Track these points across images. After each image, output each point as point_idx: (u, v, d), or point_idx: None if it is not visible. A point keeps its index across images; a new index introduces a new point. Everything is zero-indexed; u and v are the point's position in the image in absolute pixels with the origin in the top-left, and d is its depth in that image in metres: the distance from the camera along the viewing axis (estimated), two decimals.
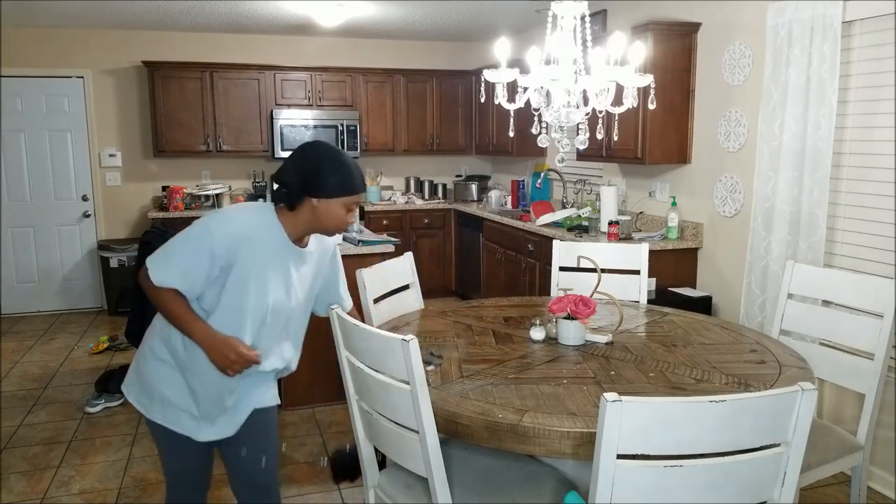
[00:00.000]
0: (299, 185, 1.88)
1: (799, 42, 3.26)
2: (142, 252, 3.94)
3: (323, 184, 1.87)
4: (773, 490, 1.57)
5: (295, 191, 1.89)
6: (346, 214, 1.94)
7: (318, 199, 1.89)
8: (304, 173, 1.87)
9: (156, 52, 6.26)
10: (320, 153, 1.90)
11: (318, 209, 1.90)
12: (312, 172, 1.87)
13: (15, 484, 3.16)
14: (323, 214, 1.91)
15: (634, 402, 1.44)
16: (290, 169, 1.89)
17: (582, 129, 2.50)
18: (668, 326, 2.66)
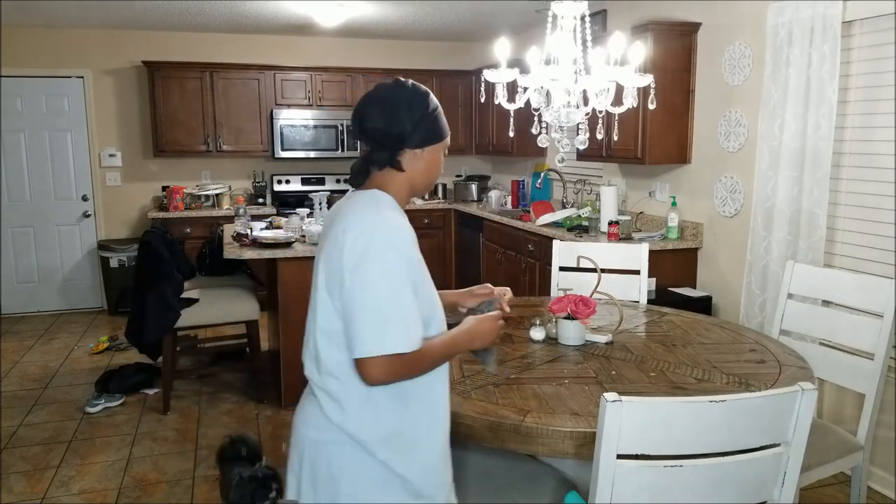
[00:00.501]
0: (411, 133, 1.51)
1: (799, 42, 3.26)
2: (141, 252, 3.94)
3: (435, 124, 1.55)
4: (773, 490, 1.57)
5: (408, 142, 1.52)
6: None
7: (424, 149, 1.55)
8: (415, 116, 1.51)
9: (156, 52, 6.26)
10: (408, 89, 1.54)
11: (426, 159, 1.58)
12: (421, 113, 1.52)
13: (15, 484, 3.16)
14: (432, 164, 1.59)
15: (634, 401, 1.44)
16: (397, 117, 1.50)
17: (582, 129, 2.50)
18: (668, 326, 2.66)
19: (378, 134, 1.51)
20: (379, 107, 1.51)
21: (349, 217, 1.47)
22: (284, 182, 6.64)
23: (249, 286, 4.49)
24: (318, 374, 1.51)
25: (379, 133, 1.51)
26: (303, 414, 1.59)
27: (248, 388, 4.32)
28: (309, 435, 1.55)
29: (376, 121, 1.50)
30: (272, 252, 3.79)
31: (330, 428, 1.50)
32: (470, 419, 1.79)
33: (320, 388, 1.52)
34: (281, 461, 3.38)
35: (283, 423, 3.82)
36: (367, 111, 1.52)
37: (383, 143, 1.52)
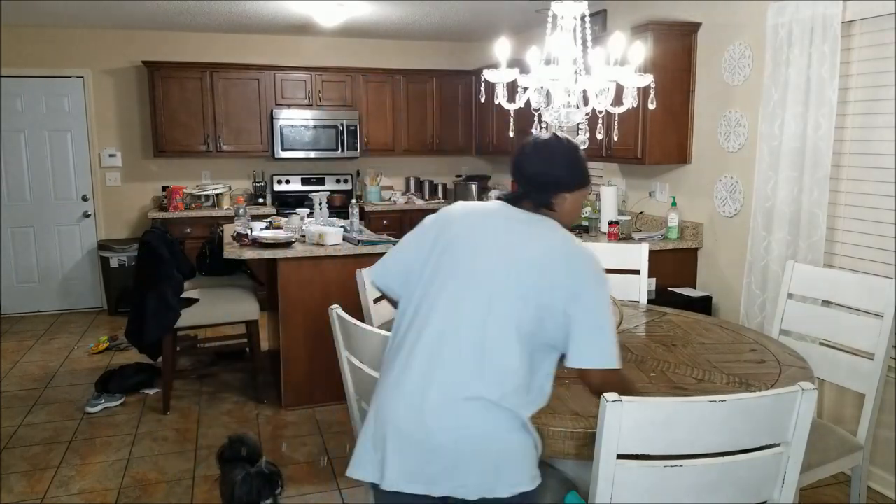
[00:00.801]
0: (568, 179, 1.72)
1: (799, 42, 3.26)
2: (141, 252, 3.94)
3: (583, 172, 1.76)
4: (773, 490, 1.57)
5: (564, 186, 1.72)
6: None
7: (573, 192, 1.73)
8: (570, 166, 1.73)
9: (156, 52, 6.26)
10: (564, 143, 1.77)
11: (574, 201, 1.76)
12: (574, 163, 1.74)
13: (15, 484, 3.16)
14: (576, 206, 1.78)
15: (634, 402, 1.44)
16: (561, 165, 1.72)
17: (582, 129, 2.51)
18: (668, 326, 2.66)
19: (539, 178, 1.73)
20: (546, 156, 1.74)
21: (559, 238, 1.68)
22: (284, 182, 6.65)
23: (249, 286, 4.49)
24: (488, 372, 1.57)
25: (540, 177, 1.73)
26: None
27: (248, 388, 4.32)
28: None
29: (538, 166, 1.73)
30: (272, 252, 3.79)
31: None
32: None
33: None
34: (281, 461, 3.38)
35: (283, 423, 3.82)
36: (530, 159, 1.74)
37: (544, 186, 1.73)
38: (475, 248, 1.67)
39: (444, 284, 1.65)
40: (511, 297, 1.58)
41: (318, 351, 3.96)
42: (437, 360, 1.57)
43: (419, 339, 1.61)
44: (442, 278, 1.66)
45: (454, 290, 1.63)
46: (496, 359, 1.56)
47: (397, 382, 1.60)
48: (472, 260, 1.65)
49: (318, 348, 3.96)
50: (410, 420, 1.56)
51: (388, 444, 1.58)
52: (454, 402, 1.54)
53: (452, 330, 1.59)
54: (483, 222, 1.71)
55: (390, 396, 1.60)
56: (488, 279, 1.61)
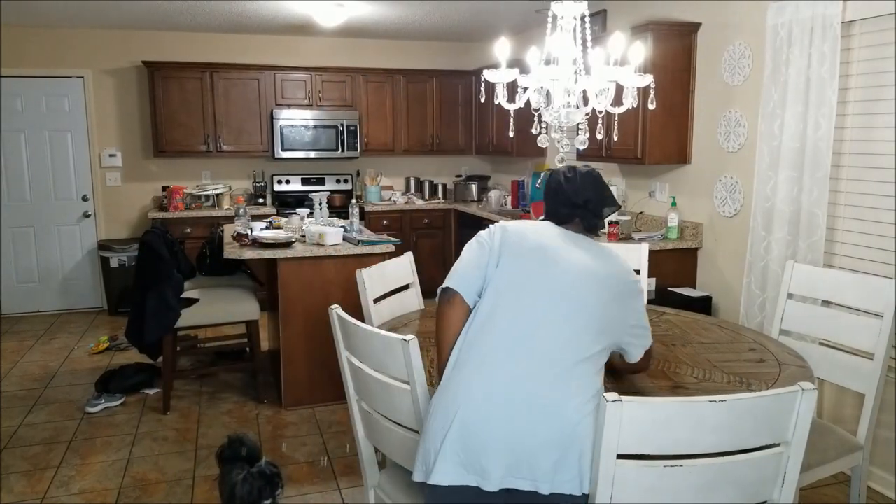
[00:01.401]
0: (613, 210, 2.00)
1: (799, 42, 3.26)
2: (142, 252, 3.94)
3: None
4: (772, 490, 1.57)
5: (608, 214, 2.00)
6: None
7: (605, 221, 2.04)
8: (613, 200, 2.00)
9: (156, 52, 6.26)
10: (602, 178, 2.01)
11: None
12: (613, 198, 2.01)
13: (15, 484, 3.16)
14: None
15: (634, 402, 1.44)
16: (613, 200, 1.99)
17: (582, 129, 2.51)
18: (666, 326, 2.66)
19: (592, 205, 1.94)
20: (600, 188, 1.96)
21: (619, 259, 1.92)
22: (284, 182, 6.65)
23: (249, 286, 4.49)
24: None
25: (592, 204, 1.94)
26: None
27: (248, 388, 4.32)
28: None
29: (591, 194, 1.93)
30: (272, 252, 3.79)
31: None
32: None
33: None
34: (281, 461, 3.38)
35: (283, 423, 3.82)
36: (584, 186, 1.94)
37: (597, 213, 1.96)
38: (548, 260, 1.82)
39: (520, 293, 1.78)
40: (587, 309, 1.75)
41: (318, 351, 3.96)
42: (522, 368, 1.67)
43: (498, 348, 1.71)
44: (517, 287, 1.79)
45: (532, 299, 1.76)
46: (579, 367, 1.68)
47: (486, 395, 1.66)
48: (547, 271, 1.80)
49: (318, 348, 3.96)
50: (501, 425, 1.63)
51: (487, 448, 1.62)
52: (543, 407, 1.63)
53: (534, 337, 1.71)
54: (550, 239, 1.88)
55: (478, 405, 1.66)
56: (567, 290, 1.77)
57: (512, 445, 1.61)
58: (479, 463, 1.62)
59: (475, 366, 1.71)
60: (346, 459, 3.39)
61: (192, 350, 4.94)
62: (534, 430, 1.61)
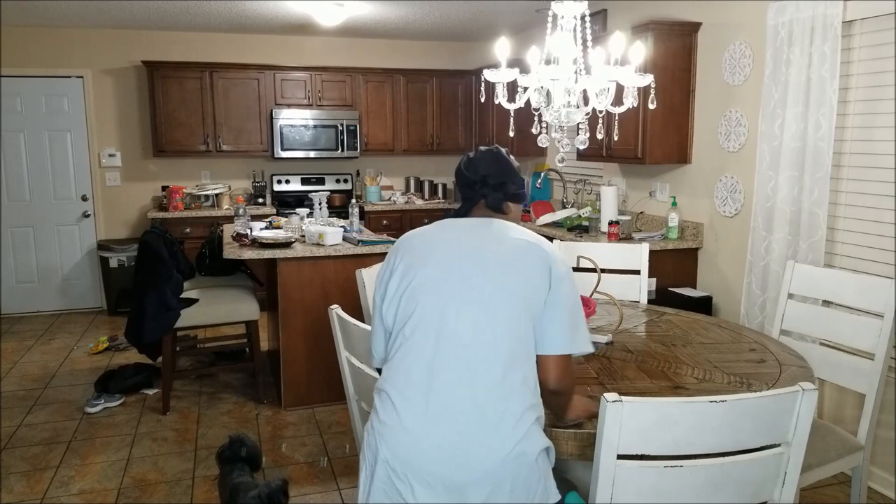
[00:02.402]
0: (517, 190, 1.85)
1: (799, 42, 3.26)
2: (141, 252, 3.94)
3: (523, 186, 1.90)
4: (773, 490, 1.56)
5: (513, 197, 1.85)
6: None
7: (517, 204, 1.87)
8: (518, 177, 1.86)
9: (155, 52, 6.26)
10: (510, 156, 1.90)
11: (516, 214, 1.88)
12: (520, 176, 1.87)
13: (14, 484, 3.16)
14: (517, 219, 1.88)
15: (634, 402, 1.44)
16: (515, 172, 1.85)
17: (582, 128, 2.50)
18: (667, 326, 2.65)
19: (492, 179, 1.82)
20: (505, 163, 1.85)
21: (528, 235, 1.73)
22: (284, 182, 6.64)
23: (249, 286, 4.48)
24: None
25: (493, 178, 1.82)
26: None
27: (248, 389, 4.32)
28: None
29: (491, 168, 1.82)
30: (272, 252, 3.79)
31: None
32: None
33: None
34: (281, 461, 3.38)
35: (283, 424, 3.81)
36: (484, 161, 1.84)
37: (499, 187, 1.82)
38: (449, 267, 1.64)
39: (430, 311, 1.60)
40: (508, 305, 1.59)
41: (317, 351, 3.96)
42: (459, 394, 1.53)
43: (431, 374, 1.55)
44: (425, 306, 1.61)
45: (445, 313, 1.59)
46: (516, 373, 1.55)
47: (408, 429, 1.54)
48: (451, 280, 1.62)
49: (318, 348, 3.95)
50: (427, 462, 1.51)
51: (411, 485, 1.53)
52: (469, 443, 1.51)
53: (463, 357, 1.55)
54: (446, 239, 1.72)
55: (401, 442, 1.54)
56: (477, 294, 1.59)
57: (441, 481, 1.51)
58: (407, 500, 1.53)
59: (396, 399, 1.57)
60: (345, 459, 3.39)
61: (192, 350, 4.93)
62: (462, 466, 1.50)
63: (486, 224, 1.74)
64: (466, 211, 1.85)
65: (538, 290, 1.60)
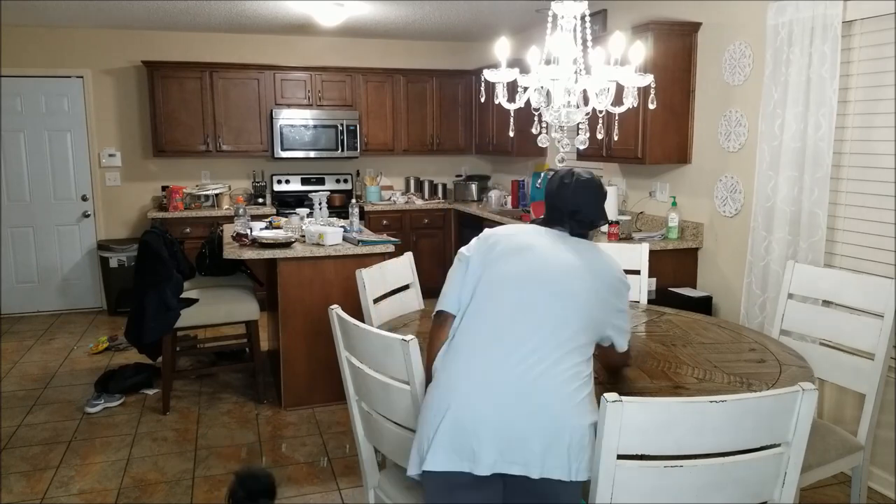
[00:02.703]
0: (602, 222, 2.02)
1: (799, 42, 3.26)
2: (141, 252, 3.94)
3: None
4: (773, 490, 1.56)
5: (598, 226, 2.02)
6: None
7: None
8: (604, 210, 2.00)
9: (155, 52, 6.26)
10: (601, 186, 2.02)
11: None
12: (604, 207, 2.01)
13: (14, 484, 3.16)
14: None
15: (634, 402, 1.44)
16: (604, 209, 1.99)
17: (582, 128, 2.50)
18: (667, 326, 2.65)
19: (580, 216, 1.97)
20: (599, 197, 1.99)
21: (605, 256, 1.95)
22: (284, 182, 6.64)
23: (249, 286, 4.48)
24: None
25: (581, 216, 1.97)
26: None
27: (248, 389, 4.32)
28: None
29: (583, 206, 1.95)
30: (272, 252, 3.79)
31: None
32: None
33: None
34: (281, 461, 3.37)
35: (283, 424, 3.81)
36: (577, 195, 1.96)
37: (583, 224, 1.97)
38: (534, 256, 1.85)
39: (506, 287, 1.81)
40: (573, 301, 1.78)
41: (318, 351, 3.96)
42: (511, 357, 1.70)
43: (486, 337, 1.75)
44: (504, 281, 1.82)
45: (518, 291, 1.79)
46: (566, 357, 1.70)
47: (476, 382, 1.70)
48: (533, 265, 1.83)
49: (318, 348, 3.95)
50: (491, 411, 1.65)
51: (479, 434, 1.65)
52: (530, 395, 1.66)
53: (520, 327, 1.73)
54: (536, 238, 1.91)
55: (469, 393, 1.69)
56: (552, 283, 1.80)
57: (502, 432, 1.64)
58: (471, 448, 1.65)
59: (465, 356, 1.74)
60: (346, 459, 3.39)
61: (192, 350, 4.93)
62: (523, 417, 1.64)
63: (574, 241, 1.93)
64: (551, 224, 1.98)
65: (602, 309, 1.84)
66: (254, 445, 3.55)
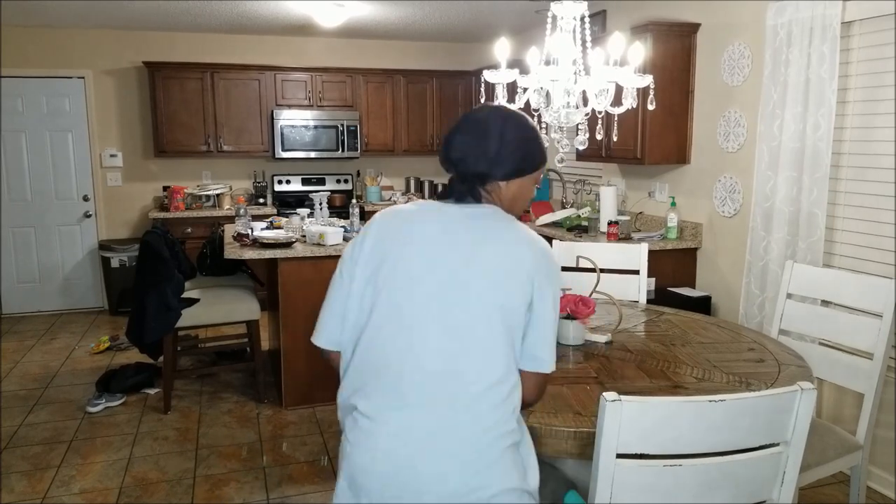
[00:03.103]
0: (516, 163, 1.53)
1: (798, 42, 3.26)
2: (142, 252, 3.95)
3: (539, 154, 1.56)
4: (772, 490, 1.57)
5: (510, 172, 1.53)
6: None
7: (523, 177, 1.56)
8: (523, 147, 1.53)
9: (156, 53, 6.27)
10: (520, 118, 1.56)
11: (522, 188, 1.58)
12: (530, 142, 1.54)
13: (15, 484, 3.17)
14: (525, 193, 1.60)
15: (634, 401, 1.45)
16: (510, 147, 1.52)
17: (581, 129, 2.51)
18: (666, 326, 2.66)
19: (461, 166, 1.60)
20: (488, 135, 1.57)
21: (519, 238, 1.52)
22: (285, 182, 6.65)
23: (250, 286, 4.49)
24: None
25: (462, 165, 1.60)
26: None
27: (249, 388, 4.33)
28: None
29: (487, 149, 1.55)
30: (273, 252, 3.80)
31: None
32: None
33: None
34: (282, 461, 3.39)
35: (283, 423, 3.82)
36: (454, 140, 1.59)
37: (465, 178, 1.60)
38: (425, 260, 1.47)
39: (401, 309, 1.46)
40: (490, 304, 1.45)
41: (318, 350, 3.96)
42: (437, 400, 1.42)
43: (401, 379, 1.44)
44: (397, 303, 1.47)
45: (418, 313, 1.45)
46: (492, 377, 1.43)
47: (377, 447, 1.43)
48: (427, 275, 1.46)
49: (318, 348, 3.95)
50: (394, 486, 1.41)
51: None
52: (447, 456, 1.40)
53: (440, 364, 1.42)
54: (421, 229, 1.52)
55: (370, 460, 1.44)
56: (455, 292, 1.45)
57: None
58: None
59: (371, 411, 1.46)
60: None
61: (193, 350, 4.94)
62: (435, 484, 1.39)
63: (475, 216, 1.52)
64: (446, 196, 1.57)
65: (521, 308, 1.46)
66: (254, 445, 3.56)
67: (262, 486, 3.13)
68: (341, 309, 1.62)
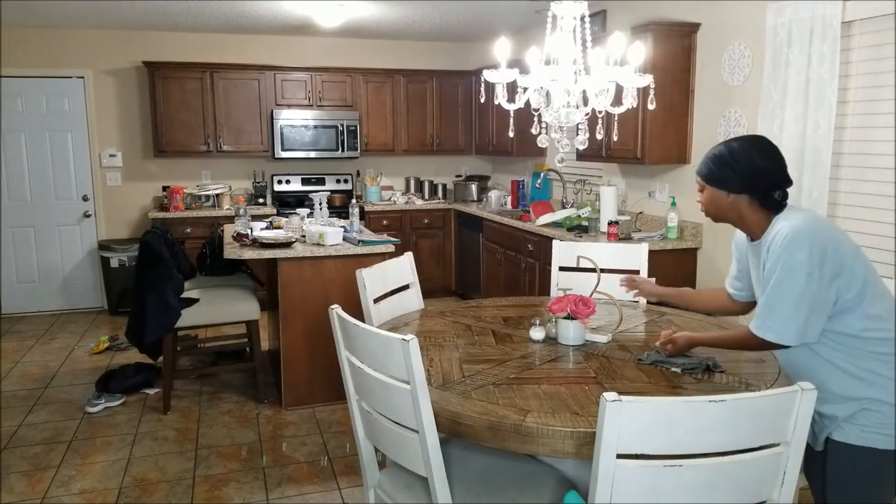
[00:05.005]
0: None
1: (798, 42, 3.26)
2: (142, 252, 3.95)
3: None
4: (772, 490, 1.57)
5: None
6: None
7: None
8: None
9: (156, 53, 6.27)
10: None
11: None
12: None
13: (15, 484, 3.17)
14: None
15: (634, 401, 1.44)
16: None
17: (582, 129, 2.51)
18: (667, 326, 2.66)
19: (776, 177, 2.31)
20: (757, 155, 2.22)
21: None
22: (284, 182, 6.65)
23: (249, 286, 4.49)
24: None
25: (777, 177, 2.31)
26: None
27: (249, 388, 4.32)
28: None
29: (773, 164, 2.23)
30: (272, 252, 3.80)
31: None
32: (470, 419, 1.80)
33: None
34: (282, 461, 3.38)
35: (283, 423, 3.82)
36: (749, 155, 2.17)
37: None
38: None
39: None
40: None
41: (318, 351, 3.97)
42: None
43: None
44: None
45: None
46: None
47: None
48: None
49: (318, 348, 3.96)
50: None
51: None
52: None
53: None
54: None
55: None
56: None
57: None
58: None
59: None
60: (346, 459, 3.40)
61: (193, 350, 4.94)
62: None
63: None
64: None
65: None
66: (254, 445, 3.56)
67: (262, 487, 3.13)
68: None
